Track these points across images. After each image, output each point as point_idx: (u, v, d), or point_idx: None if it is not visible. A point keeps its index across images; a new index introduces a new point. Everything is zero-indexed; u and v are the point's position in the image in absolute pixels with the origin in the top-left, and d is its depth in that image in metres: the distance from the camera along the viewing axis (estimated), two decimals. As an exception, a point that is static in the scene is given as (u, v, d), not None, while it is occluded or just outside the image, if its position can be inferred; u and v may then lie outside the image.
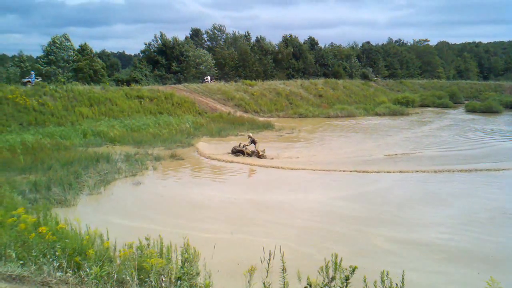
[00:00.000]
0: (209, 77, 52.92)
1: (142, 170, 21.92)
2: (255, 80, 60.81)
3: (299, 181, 20.34)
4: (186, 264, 6.22)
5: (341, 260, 5.06)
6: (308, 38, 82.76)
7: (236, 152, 26.11)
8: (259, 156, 25.53)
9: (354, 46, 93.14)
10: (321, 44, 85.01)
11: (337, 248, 9.87)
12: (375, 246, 12.08)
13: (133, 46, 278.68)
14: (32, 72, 40.55)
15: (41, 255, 6.07)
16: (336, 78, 72.48)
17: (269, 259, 5.81)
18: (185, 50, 61.67)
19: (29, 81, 38.23)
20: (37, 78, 38.75)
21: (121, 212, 15.29)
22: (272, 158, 25.23)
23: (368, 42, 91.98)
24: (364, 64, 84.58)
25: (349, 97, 62.69)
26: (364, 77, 78.38)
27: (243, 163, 24.11)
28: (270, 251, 5.98)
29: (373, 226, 13.78)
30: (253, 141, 26.53)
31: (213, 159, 24.79)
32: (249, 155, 25.82)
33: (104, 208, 16.00)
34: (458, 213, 15.45)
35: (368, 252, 11.51)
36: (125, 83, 49.30)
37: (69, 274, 5.73)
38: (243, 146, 26.42)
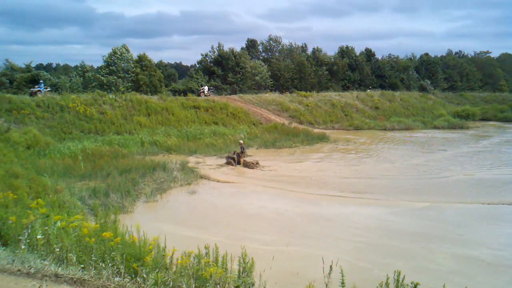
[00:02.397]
0: (206, 88, 50.61)
1: (197, 179, 22.10)
2: (310, 91, 60.50)
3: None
4: (243, 274, 6.15)
5: (403, 278, 4.87)
6: (365, 50, 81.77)
7: (228, 158, 26.36)
8: (247, 166, 25.55)
9: (412, 57, 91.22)
10: (378, 56, 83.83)
11: (395, 263, 9.57)
12: (435, 262, 11.64)
13: (189, 57, 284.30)
14: (41, 81, 40.98)
15: (100, 260, 6.14)
16: (393, 90, 71.23)
17: (329, 273, 5.66)
18: (241, 61, 62.10)
19: (39, 91, 37.53)
20: (46, 88, 38.62)
21: (176, 221, 15.41)
22: (271, 170, 25.04)
23: (426, 54, 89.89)
24: (423, 76, 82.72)
25: (406, 110, 61.37)
26: (422, 89, 76.67)
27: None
28: (330, 266, 5.81)
29: (431, 242, 13.30)
30: (242, 148, 26.76)
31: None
32: (239, 162, 25.92)
33: (160, 216, 16.17)
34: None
35: (428, 269, 11.10)
36: (181, 93, 50.06)
37: (127, 280, 5.77)
38: (234, 153, 26.57)
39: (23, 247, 5.73)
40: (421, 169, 25.23)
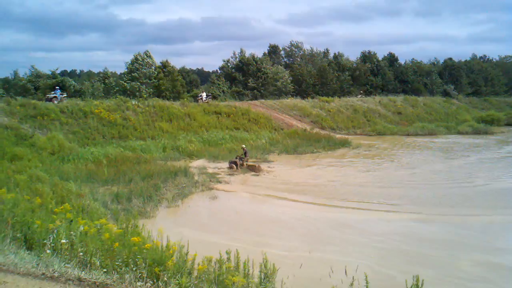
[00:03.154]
0: (204, 94, 49.44)
1: (218, 184, 22.16)
2: (331, 96, 60.32)
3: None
4: (264, 280, 6.14)
5: (422, 282, 4.81)
6: (388, 54, 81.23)
7: (231, 163, 26.48)
8: (252, 169, 25.77)
9: (435, 62, 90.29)
10: (401, 60, 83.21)
11: (419, 270, 9.39)
12: (460, 269, 11.47)
13: (211, 62, 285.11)
14: (57, 87, 41.29)
15: (123, 264, 6.19)
16: (416, 95, 70.60)
17: (353, 280, 5.62)
18: (263, 66, 62.19)
19: (55, 97, 37.61)
20: (62, 94, 38.83)
21: (197, 226, 15.45)
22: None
23: (450, 59, 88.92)
24: (446, 81, 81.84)
25: (429, 115, 60.77)
26: (446, 94, 75.86)
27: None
28: (353, 277, 5.77)
29: (457, 249, 13.10)
30: (246, 153, 27.00)
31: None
32: (241, 166, 26.07)
33: (181, 221, 16.22)
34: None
35: (453, 276, 10.94)
36: (203, 99, 50.34)
37: (148, 284, 5.80)
38: (237, 157, 26.75)
39: (48, 251, 5.81)
40: (444, 177, 24.82)
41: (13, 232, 6.46)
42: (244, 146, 28.83)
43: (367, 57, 76.46)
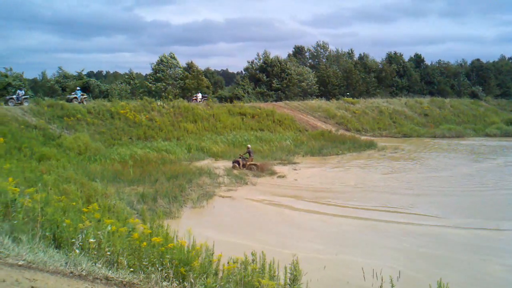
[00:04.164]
0: (199, 95, 48.46)
1: (242, 186, 22.18)
2: (357, 98, 59.88)
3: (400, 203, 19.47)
4: (293, 282, 6.10)
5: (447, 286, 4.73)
6: (414, 55, 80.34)
7: (234, 162, 26.78)
8: (256, 169, 25.87)
9: (463, 63, 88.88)
10: (427, 61, 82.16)
11: (447, 274, 9.28)
12: (490, 274, 11.25)
13: (235, 64, 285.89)
14: (78, 88, 41.66)
15: (150, 264, 6.22)
16: (443, 96, 69.67)
17: (381, 284, 5.56)
18: (287, 67, 62.06)
19: (75, 97, 38.29)
20: (83, 95, 39.23)
21: (221, 226, 15.47)
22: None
23: (478, 59, 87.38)
24: (474, 82, 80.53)
25: (457, 117, 59.82)
26: (474, 96, 74.68)
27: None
28: (382, 277, 5.70)
29: (488, 254, 12.85)
30: (250, 153, 27.21)
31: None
32: (244, 166, 26.19)
33: (206, 221, 16.26)
34: None
35: (483, 281, 10.75)
36: (228, 100, 50.46)
37: (174, 284, 5.82)
38: (240, 157, 27.00)
39: (76, 250, 5.87)
40: (473, 180, 24.34)
41: (42, 230, 6.55)
42: (249, 145, 29.04)
43: (392, 58, 75.68)
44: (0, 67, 52.37)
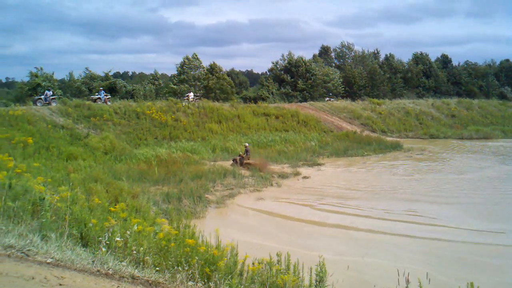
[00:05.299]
0: (191, 94, 47.27)
1: (267, 186, 22.14)
2: (382, 98, 59.33)
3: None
4: (319, 283, 6.06)
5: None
6: (441, 56, 79.37)
7: (233, 160, 27.32)
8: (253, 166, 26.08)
9: (491, 64, 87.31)
10: (454, 62, 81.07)
11: (478, 278, 9.08)
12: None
13: (260, 64, 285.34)
14: (101, 88, 41.93)
15: (175, 264, 6.25)
16: (470, 97, 68.58)
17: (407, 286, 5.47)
18: (312, 68, 61.87)
19: (98, 98, 38.79)
20: (106, 95, 39.79)
21: (245, 227, 15.49)
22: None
23: (507, 60, 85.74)
24: (502, 83, 79.10)
25: (485, 118, 58.69)
26: (502, 97, 73.32)
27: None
28: (409, 280, 5.61)
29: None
30: (247, 151, 27.51)
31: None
32: (241, 164, 26.48)
33: (230, 221, 16.29)
34: None
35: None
36: (252, 101, 50.49)
37: (200, 284, 5.82)
38: (239, 155, 27.47)
39: (103, 248, 5.92)
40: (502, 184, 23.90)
41: (70, 229, 6.63)
42: (247, 144, 29.28)
43: (419, 58, 74.88)
44: (31, 67, 53.33)
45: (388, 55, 75.00)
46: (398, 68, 71.05)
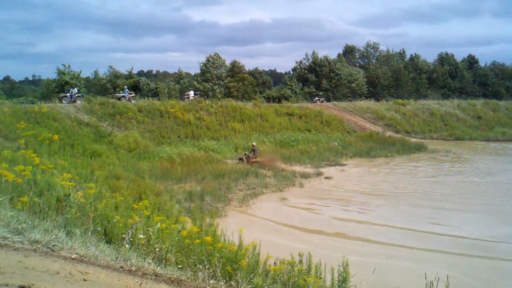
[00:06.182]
0: (192, 93, 46.14)
1: (289, 186, 22.06)
2: (406, 99, 58.77)
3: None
4: (343, 283, 6.03)
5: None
6: (467, 56, 78.34)
7: (239, 159, 27.92)
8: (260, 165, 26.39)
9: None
10: (481, 63, 79.92)
11: (507, 284, 8.92)
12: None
13: (283, 64, 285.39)
14: (126, 87, 42.15)
15: (197, 262, 6.27)
16: (497, 98, 67.47)
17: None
18: (336, 68, 61.61)
19: (123, 96, 39.11)
20: (130, 94, 40.13)
21: (267, 226, 15.45)
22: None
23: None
24: (532, 84, 77.69)
25: (512, 120, 57.74)
26: (530, 98, 72.01)
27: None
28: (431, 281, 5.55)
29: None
30: (254, 150, 27.84)
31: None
32: (248, 162, 26.80)
33: (252, 221, 16.26)
34: None
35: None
36: (275, 100, 50.47)
37: (221, 283, 5.83)
38: (245, 154, 28.00)
39: (126, 245, 5.96)
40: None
41: (94, 225, 6.70)
42: (254, 143, 29.43)
43: (444, 59, 74.06)
44: (58, 65, 54.17)
45: (413, 55, 74.36)
46: (423, 69, 70.30)
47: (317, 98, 52.88)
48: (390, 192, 21.52)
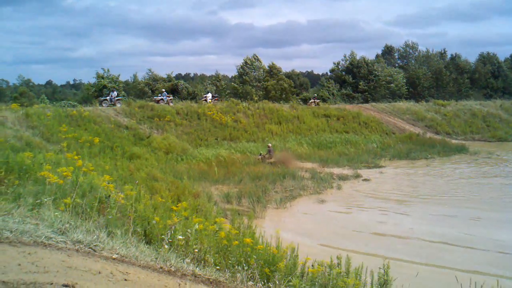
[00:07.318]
0: (209, 95, 45.34)
1: (327, 189, 21.89)
2: (448, 100, 57.63)
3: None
4: (384, 286, 5.96)
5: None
6: (510, 55, 76.34)
7: (260, 155, 28.73)
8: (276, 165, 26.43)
9: None
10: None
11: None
12: None
13: (320, 65, 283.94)
14: (163, 90, 42.41)
15: (236, 263, 6.29)
16: (542, 98, 65.47)
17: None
18: (374, 69, 60.97)
19: (161, 99, 39.29)
20: (168, 97, 40.26)
21: (304, 229, 15.32)
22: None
23: None
24: None
25: (559, 121, 55.86)
26: None
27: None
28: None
29: None
30: (270, 151, 28.42)
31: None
32: (263, 163, 27.27)
33: (289, 223, 16.24)
34: None
35: None
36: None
37: (259, 285, 5.83)
38: (260, 155, 28.77)
39: (165, 246, 6.03)
40: None
41: (134, 226, 6.80)
42: (270, 144, 29.58)
43: (486, 58, 72.35)
44: (97, 69, 55.37)
45: (454, 55, 72.92)
46: (465, 69, 68.83)
47: (312, 100, 52.03)
48: (431, 195, 21.03)
